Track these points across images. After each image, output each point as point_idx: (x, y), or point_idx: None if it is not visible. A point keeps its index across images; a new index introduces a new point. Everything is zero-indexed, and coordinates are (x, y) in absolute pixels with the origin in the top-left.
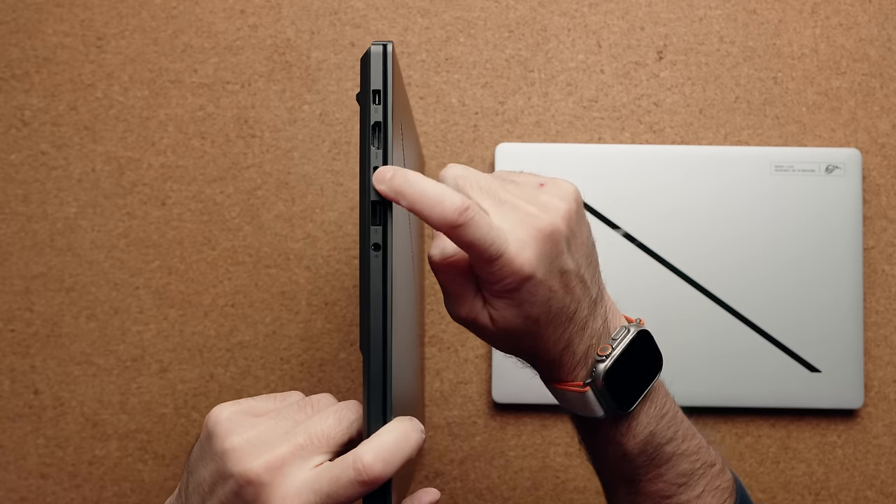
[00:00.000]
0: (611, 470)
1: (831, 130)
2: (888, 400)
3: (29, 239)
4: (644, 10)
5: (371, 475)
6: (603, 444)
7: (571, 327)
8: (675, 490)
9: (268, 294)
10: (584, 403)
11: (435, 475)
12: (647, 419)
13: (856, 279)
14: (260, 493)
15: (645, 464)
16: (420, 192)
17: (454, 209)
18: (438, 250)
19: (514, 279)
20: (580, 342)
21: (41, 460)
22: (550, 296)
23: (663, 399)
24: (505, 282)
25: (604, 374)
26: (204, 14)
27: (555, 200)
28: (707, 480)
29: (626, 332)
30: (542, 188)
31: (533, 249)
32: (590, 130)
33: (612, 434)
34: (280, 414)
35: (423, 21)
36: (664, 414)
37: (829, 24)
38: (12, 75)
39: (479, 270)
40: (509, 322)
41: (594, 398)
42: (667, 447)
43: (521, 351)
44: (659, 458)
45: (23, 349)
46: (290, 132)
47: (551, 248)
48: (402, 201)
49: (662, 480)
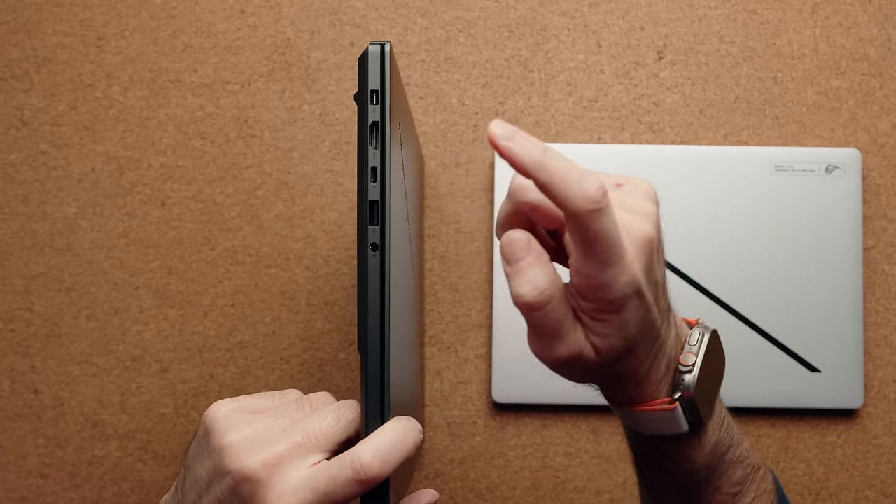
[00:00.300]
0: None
1: (831, 130)
2: (888, 400)
3: (29, 239)
4: (644, 10)
5: (368, 474)
6: (672, 461)
7: (659, 341)
8: (730, 500)
9: (268, 294)
10: (671, 420)
11: (435, 475)
12: (713, 428)
13: (856, 279)
14: (256, 490)
15: (707, 477)
16: (559, 166)
17: (597, 187)
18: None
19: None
20: (663, 355)
21: (41, 460)
22: (647, 311)
23: (720, 405)
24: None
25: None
26: (204, 14)
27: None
28: (756, 485)
29: (700, 336)
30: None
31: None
32: (590, 130)
33: (681, 450)
34: (278, 412)
35: (423, 21)
36: (723, 420)
37: (829, 24)
38: (12, 75)
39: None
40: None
41: (681, 413)
42: (726, 455)
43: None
44: (720, 469)
45: (23, 349)
46: (290, 132)
47: (650, 257)
48: (539, 175)
49: (721, 493)
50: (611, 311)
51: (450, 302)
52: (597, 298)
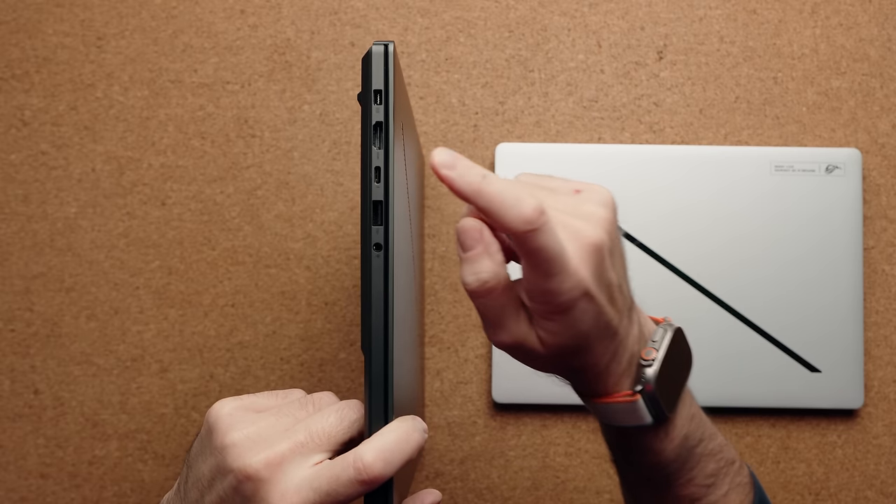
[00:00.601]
0: (643, 479)
1: (831, 130)
2: (888, 400)
3: (29, 239)
4: (644, 10)
5: (371, 474)
6: (640, 453)
7: (617, 339)
8: (704, 492)
9: (268, 294)
10: (633, 412)
11: (435, 475)
12: (682, 422)
13: (856, 279)
14: (259, 489)
15: (678, 469)
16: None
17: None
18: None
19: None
20: (624, 351)
21: (41, 460)
22: (600, 311)
23: (690, 399)
24: (561, 298)
25: (654, 379)
26: (204, 14)
27: (598, 210)
28: (730, 478)
29: (663, 333)
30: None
31: (587, 266)
32: (590, 130)
33: (649, 441)
34: (281, 411)
35: (423, 21)
36: (693, 415)
37: (829, 24)
38: (12, 75)
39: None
40: (561, 342)
41: (643, 405)
42: (697, 448)
43: (568, 369)
44: (691, 461)
45: (23, 349)
46: (290, 132)
47: (599, 262)
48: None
49: (693, 484)
50: (558, 312)
51: (450, 302)
52: (543, 302)
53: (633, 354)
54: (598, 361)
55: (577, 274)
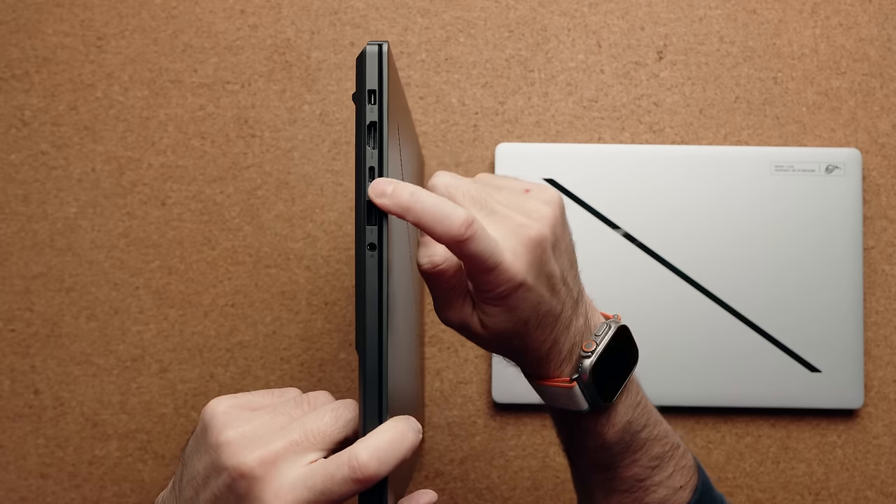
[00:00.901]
0: (588, 459)
1: (831, 130)
2: (888, 400)
3: (29, 239)
4: (644, 10)
5: (365, 473)
6: (583, 435)
7: (558, 327)
8: (648, 473)
9: (268, 294)
10: (570, 398)
11: (435, 475)
12: (625, 409)
13: (856, 279)
14: (253, 486)
15: (622, 451)
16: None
17: (460, 223)
18: (427, 259)
19: (508, 287)
20: (566, 340)
21: (41, 460)
22: (539, 300)
23: (636, 388)
24: (499, 290)
25: (590, 369)
26: (204, 14)
27: (542, 207)
28: (675, 461)
29: (607, 329)
30: (527, 194)
31: (524, 258)
32: (590, 130)
33: (592, 425)
34: (276, 409)
35: (423, 21)
36: (638, 403)
37: (829, 24)
38: (12, 75)
39: (474, 279)
40: (499, 326)
41: (580, 392)
42: (641, 433)
43: (510, 351)
44: (635, 445)
45: (23, 349)
46: (290, 132)
47: (539, 255)
48: (408, 216)
49: (638, 465)
50: (495, 300)
51: None
52: (482, 291)
53: (574, 344)
54: (538, 347)
55: (511, 268)
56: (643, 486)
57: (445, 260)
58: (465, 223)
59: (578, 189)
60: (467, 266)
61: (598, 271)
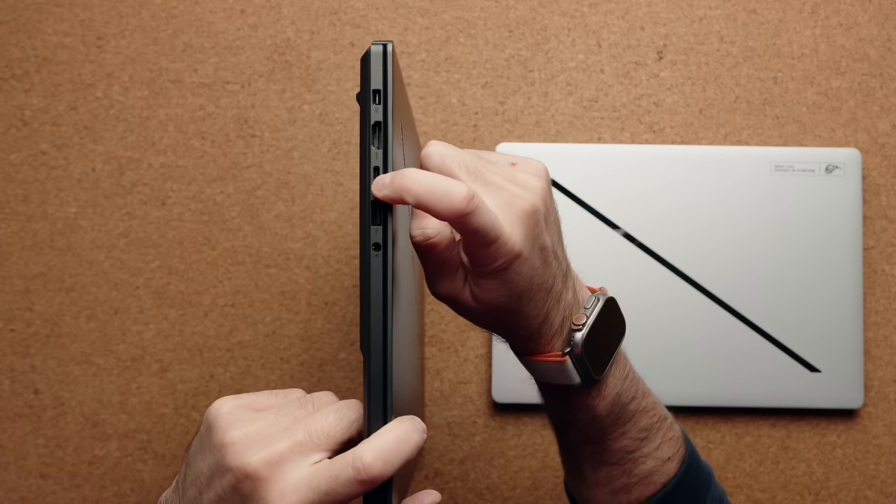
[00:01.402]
0: (578, 433)
1: (831, 130)
2: (888, 400)
3: (29, 239)
4: (644, 10)
5: (370, 474)
6: (573, 409)
7: (549, 300)
8: (637, 444)
9: (268, 294)
10: (562, 372)
11: (435, 475)
12: (614, 381)
13: (856, 279)
14: (257, 487)
15: (611, 424)
16: (425, 186)
17: (462, 198)
18: (419, 231)
19: (506, 259)
20: (556, 314)
21: (41, 460)
22: (532, 272)
23: (624, 360)
24: (497, 263)
25: (582, 342)
26: (204, 14)
27: (533, 179)
28: (663, 433)
29: (595, 301)
30: (515, 167)
31: (520, 229)
32: (590, 130)
33: (583, 399)
34: (281, 410)
35: (423, 21)
36: (626, 375)
37: (829, 24)
38: (12, 75)
39: (472, 253)
40: (493, 299)
41: (572, 366)
42: (630, 405)
43: (500, 326)
44: (624, 417)
45: (23, 349)
46: (290, 132)
47: (533, 226)
48: (407, 198)
49: (627, 437)
50: (493, 273)
51: None
52: (480, 265)
53: (565, 318)
54: (530, 322)
55: (510, 239)
56: (632, 457)
57: (439, 233)
58: (466, 197)
59: (578, 189)
60: (467, 240)
61: (598, 271)
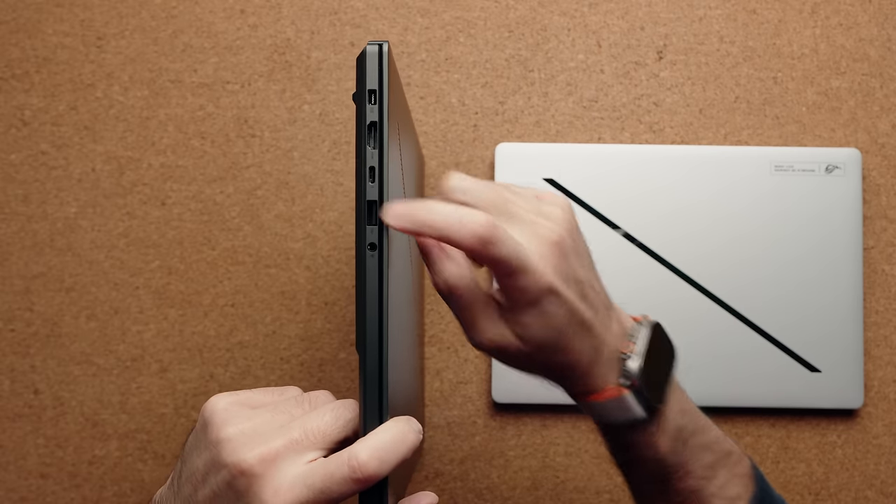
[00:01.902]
0: (644, 475)
1: (831, 130)
2: (888, 400)
3: (29, 239)
4: (644, 10)
5: (365, 473)
6: (637, 449)
7: (595, 335)
8: (702, 484)
9: (268, 294)
10: (624, 407)
11: (435, 475)
12: (673, 415)
13: (856, 279)
14: (252, 484)
15: (675, 462)
16: (444, 218)
17: (482, 226)
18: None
19: (538, 290)
20: (605, 348)
21: (41, 460)
22: (573, 308)
23: (680, 393)
24: (529, 294)
25: (638, 372)
26: (204, 14)
27: (557, 211)
28: (728, 469)
29: (640, 328)
30: (540, 199)
31: (549, 261)
32: (590, 130)
33: (644, 437)
34: (277, 407)
35: (423, 21)
36: (684, 409)
37: (829, 24)
38: (12, 75)
39: (504, 285)
40: (539, 336)
41: (632, 398)
42: (691, 441)
43: (553, 367)
44: (686, 453)
45: (23, 349)
46: (290, 132)
47: (561, 258)
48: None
49: (692, 476)
50: (529, 307)
51: None
52: (514, 298)
53: (613, 351)
54: (579, 359)
55: (538, 270)
56: (698, 497)
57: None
58: (487, 225)
59: (578, 189)
60: (495, 273)
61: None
